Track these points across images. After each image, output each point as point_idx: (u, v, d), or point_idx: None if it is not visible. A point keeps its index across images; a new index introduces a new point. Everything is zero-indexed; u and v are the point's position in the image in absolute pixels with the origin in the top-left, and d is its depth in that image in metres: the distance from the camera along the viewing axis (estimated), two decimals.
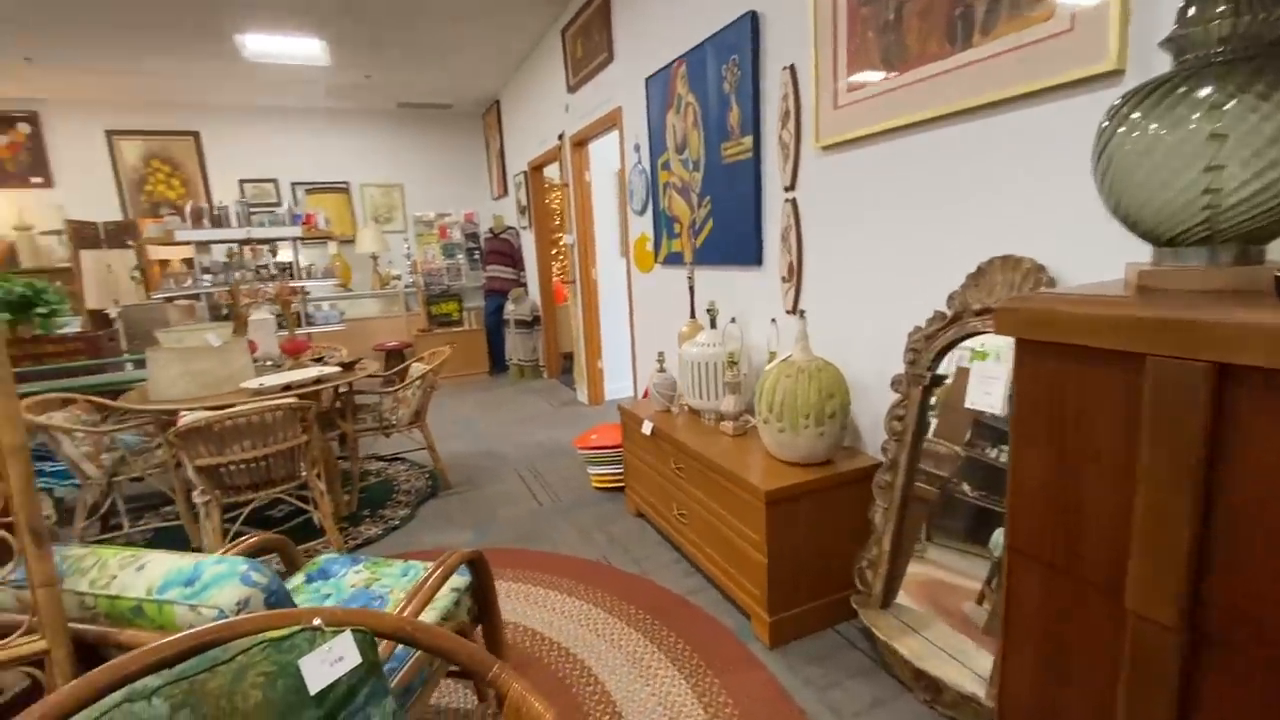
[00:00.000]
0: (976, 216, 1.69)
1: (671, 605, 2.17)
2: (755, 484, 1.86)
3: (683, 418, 2.62)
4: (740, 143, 2.58)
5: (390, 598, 1.59)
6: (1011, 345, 1.14)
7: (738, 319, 2.77)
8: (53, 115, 5.85)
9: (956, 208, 1.73)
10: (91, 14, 4.08)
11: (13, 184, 5.79)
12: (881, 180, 1.96)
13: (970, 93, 1.60)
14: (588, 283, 4.87)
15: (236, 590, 0.95)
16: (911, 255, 1.89)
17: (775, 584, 1.90)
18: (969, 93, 1.61)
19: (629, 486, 2.97)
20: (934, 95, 1.70)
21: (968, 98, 1.61)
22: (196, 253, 4.66)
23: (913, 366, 1.81)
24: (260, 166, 6.59)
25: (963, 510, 1.74)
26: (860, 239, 2.07)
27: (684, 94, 2.98)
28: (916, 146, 1.82)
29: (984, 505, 1.68)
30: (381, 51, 5.08)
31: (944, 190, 1.76)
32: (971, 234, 1.71)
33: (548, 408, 5.14)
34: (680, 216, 3.18)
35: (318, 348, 3.85)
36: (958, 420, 1.74)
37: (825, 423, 1.90)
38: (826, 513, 1.94)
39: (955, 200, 1.73)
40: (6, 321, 3.16)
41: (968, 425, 1.72)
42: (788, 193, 2.36)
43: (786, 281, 2.42)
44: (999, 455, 1.63)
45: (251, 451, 2.38)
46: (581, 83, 4.33)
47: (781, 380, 1.94)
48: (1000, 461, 1.63)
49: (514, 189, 6.51)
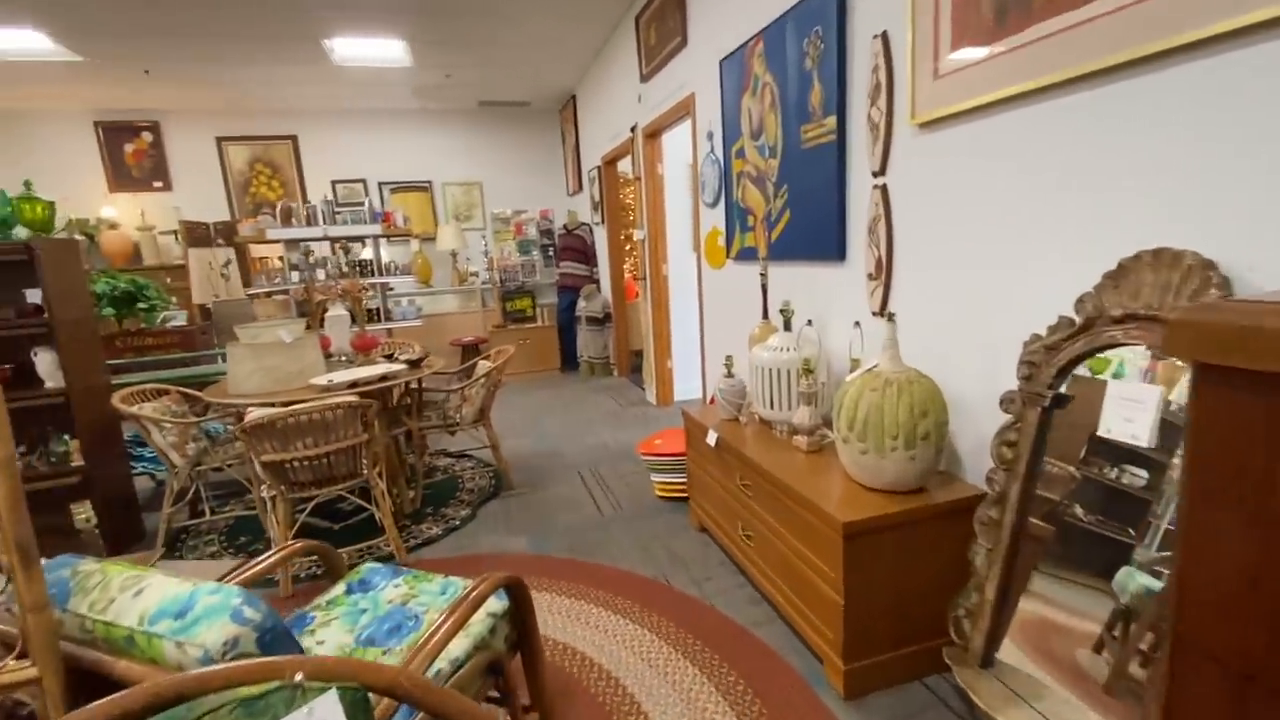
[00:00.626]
0: (1117, 200, 1.37)
1: (733, 638, 1.97)
2: (832, 513, 1.62)
3: (751, 428, 2.39)
4: (822, 124, 2.32)
5: (425, 618, 1.49)
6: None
7: (815, 321, 2.51)
8: (171, 124, 6.35)
9: (1089, 190, 1.42)
10: (197, 28, 4.34)
11: (137, 188, 6.33)
12: (991, 160, 1.66)
13: (1119, 45, 1.29)
14: (658, 279, 4.71)
15: (225, 628, 0.85)
16: (1028, 249, 1.58)
17: (853, 628, 1.65)
18: (1118, 45, 1.29)
19: (693, 499, 2.78)
20: (1065, 53, 1.39)
21: (1115, 52, 1.30)
22: (286, 250, 4.89)
23: (1029, 383, 1.51)
24: (350, 167, 6.88)
25: (1074, 536, 1.46)
26: (963, 230, 1.77)
27: (761, 74, 2.73)
28: (1037, 118, 1.51)
29: (1100, 532, 1.41)
30: (461, 50, 5.13)
31: (1073, 169, 1.45)
32: (1110, 221, 1.39)
33: (615, 407, 5.03)
34: (754, 208, 2.94)
35: (391, 344, 3.91)
36: (1069, 434, 1.45)
37: (917, 445, 1.63)
38: (916, 549, 1.68)
39: (1088, 180, 1.42)
40: (112, 316, 3.40)
41: (1082, 440, 1.44)
42: (876, 178, 2.08)
43: (873, 279, 2.14)
44: (1119, 476, 1.38)
45: (313, 449, 2.39)
46: (654, 70, 4.16)
47: (866, 394, 1.68)
48: (1122, 483, 1.37)
49: (588, 184, 6.45)
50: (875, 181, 2.09)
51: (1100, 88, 1.37)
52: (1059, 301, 1.52)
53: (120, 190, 6.29)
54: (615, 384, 5.89)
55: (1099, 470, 1.42)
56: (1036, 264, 1.57)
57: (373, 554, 2.70)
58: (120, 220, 6.16)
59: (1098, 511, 1.42)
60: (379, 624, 1.48)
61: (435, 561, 2.62)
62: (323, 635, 1.46)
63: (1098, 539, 1.41)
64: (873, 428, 1.66)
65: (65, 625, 0.96)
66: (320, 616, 1.52)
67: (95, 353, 2.94)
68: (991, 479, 1.58)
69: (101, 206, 6.19)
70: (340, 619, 1.51)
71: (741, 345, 3.31)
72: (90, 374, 2.83)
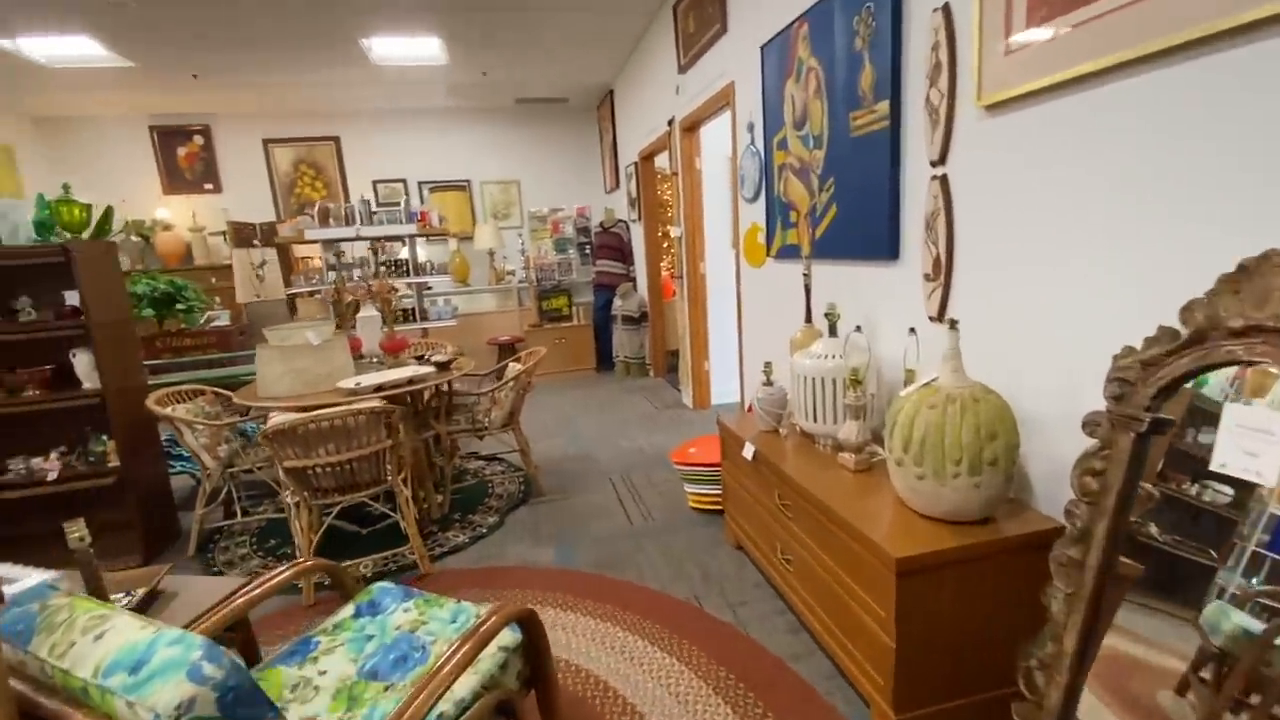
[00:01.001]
0: (1235, 189, 1.15)
1: (769, 672, 1.80)
2: (883, 545, 1.44)
3: (792, 441, 2.22)
4: (873, 110, 2.11)
5: (432, 650, 1.38)
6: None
7: (864, 326, 2.31)
8: (221, 128, 6.51)
9: (1198, 175, 1.20)
10: (240, 32, 4.39)
11: (189, 190, 6.53)
12: (1071, 144, 1.44)
13: (1241, 4, 1.07)
14: (695, 278, 4.54)
15: (180, 687, 0.75)
16: (1116, 246, 1.37)
17: (905, 674, 1.47)
18: (1240, 3, 1.07)
19: (728, 513, 2.61)
20: (1172, 14, 1.17)
21: (1237, 13, 1.08)
22: (323, 250, 4.93)
23: (1120, 404, 1.29)
24: (390, 167, 6.93)
25: (1151, 557, 1.28)
26: (1036, 224, 1.56)
27: (805, 58, 2.54)
28: (1131, 94, 1.30)
29: (1180, 555, 1.24)
30: (496, 47, 5.06)
31: (1178, 152, 1.23)
32: (1224, 216, 1.17)
33: (650, 409, 4.89)
34: (797, 202, 2.75)
35: (422, 345, 3.87)
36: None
37: (983, 471, 1.44)
38: (980, 588, 1.48)
39: (1197, 164, 1.20)
40: (152, 316, 3.45)
41: (1159, 453, 1.28)
42: (935, 168, 1.87)
43: (931, 280, 1.94)
44: (1200, 492, 1.23)
45: (336, 455, 2.33)
46: (693, 60, 3.99)
47: (923, 411, 1.49)
48: (1204, 501, 1.21)
49: (625, 181, 6.32)
50: (933, 171, 1.88)
51: (1214, 54, 1.15)
52: (1157, 308, 1.30)
53: (174, 192, 6.50)
54: (651, 385, 5.75)
55: (1177, 486, 1.25)
56: (1126, 264, 1.35)
57: (397, 562, 2.64)
58: (173, 221, 6.36)
59: (1176, 531, 1.25)
60: (384, 653, 1.38)
61: (459, 573, 2.53)
62: (326, 664, 1.36)
63: (1176, 561, 1.24)
64: (931, 450, 1.47)
65: (28, 667, 0.88)
66: (325, 642, 1.43)
67: (132, 354, 2.97)
68: (1072, 513, 1.36)
69: (156, 208, 6.40)
70: (345, 645, 1.42)
71: (782, 350, 3.11)
72: (127, 375, 2.85)
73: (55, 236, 2.66)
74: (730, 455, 2.51)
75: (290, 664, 1.37)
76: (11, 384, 2.65)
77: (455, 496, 3.32)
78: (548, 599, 2.28)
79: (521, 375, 3.23)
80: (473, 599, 2.32)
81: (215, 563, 2.79)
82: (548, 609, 2.21)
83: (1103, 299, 1.41)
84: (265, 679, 1.33)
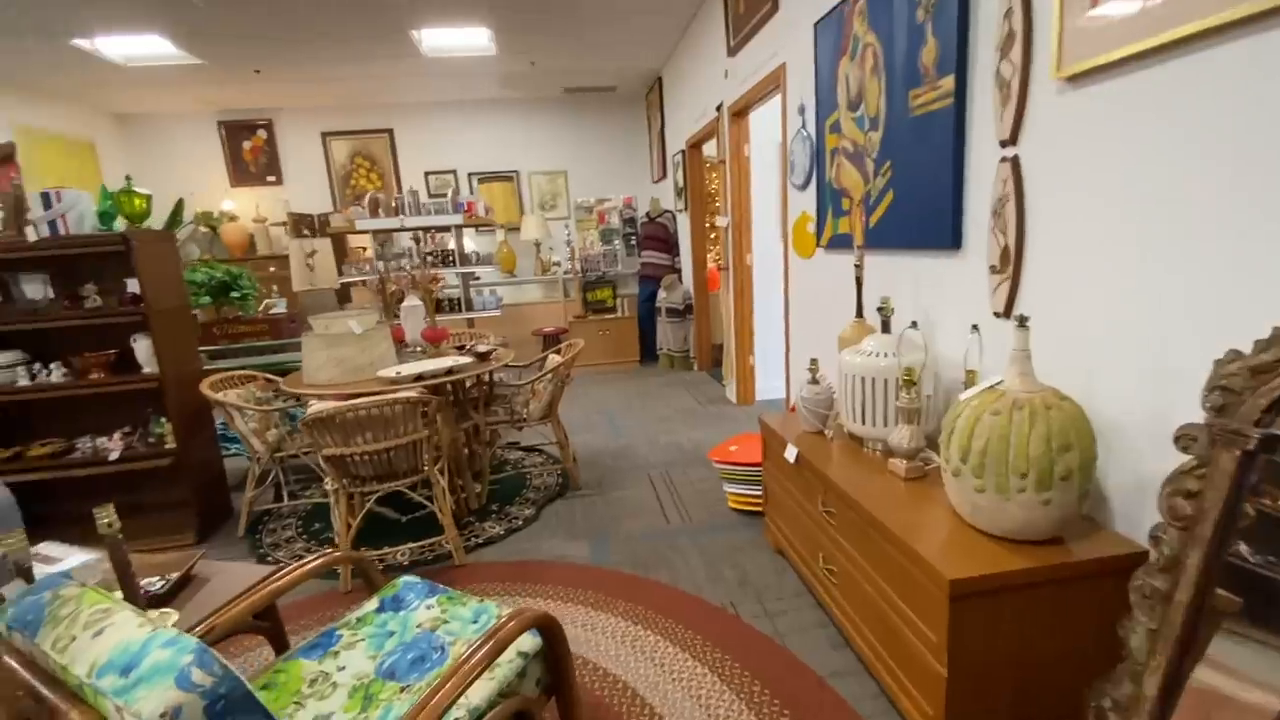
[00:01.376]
0: None
1: (809, 693, 1.69)
2: (935, 564, 1.31)
3: (838, 444, 2.08)
4: (936, 87, 1.94)
5: (451, 651, 1.34)
6: None
7: (920, 322, 2.14)
8: (283, 121, 6.74)
9: None
10: (299, 27, 4.50)
11: (253, 182, 6.79)
12: (1170, 119, 1.26)
13: None
14: (741, 269, 4.39)
15: (166, 694, 0.72)
16: (1225, 234, 1.18)
17: (958, 707, 1.34)
18: None
19: (769, 516, 2.50)
20: None
21: None
22: (373, 240, 5.03)
23: (1220, 415, 1.12)
24: (441, 159, 7.03)
25: (1242, 580, 1.11)
26: (1122, 210, 1.38)
27: (862, 34, 2.37)
28: (1252, 56, 1.11)
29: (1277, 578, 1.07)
30: (544, 35, 5.02)
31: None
32: None
33: (693, 404, 4.78)
34: (850, 189, 2.58)
35: (465, 334, 3.88)
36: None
37: (1054, 487, 1.29)
38: (1045, 615, 1.33)
39: None
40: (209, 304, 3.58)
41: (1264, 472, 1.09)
42: (1005, 148, 1.70)
43: (997, 273, 1.77)
44: None
45: (373, 444, 2.34)
46: (743, 42, 3.83)
47: (986, 417, 1.35)
48: None
49: (672, 170, 6.19)
50: (1003, 153, 1.71)
51: None
52: (1266, 308, 1.12)
53: (240, 185, 6.78)
54: (694, 379, 5.64)
55: (1273, 502, 1.08)
56: (1234, 255, 1.17)
57: (434, 551, 2.64)
58: (238, 213, 6.64)
59: (1271, 551, 1.09)
60: (403, 652, 1.35)
61: (492, 566, 2.51)
62: (345, 659, 1.34)
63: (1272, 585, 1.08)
64: (994, 460, 1.32)
65: (35, 658, 0.87)
66: (346, 636, 1.41)
67: (189, 340, 3.08)
68: (1159, 538, 1.20)
69: (223, 200, 6.69)
70: (366, 641, 1.40)
71: (830, 346, 2.96)
72: (183, 361, 2.95)
73: (120, 226, 2.77)
74: (772, 456, 2.39)
75: (312, 657, 1.36)
76: (78, 367, 2.79)
77: (493, 487, 3.32)
78: (578, 596, 2.23)
79: (560, 368, 3.19)
80: (504, 593, 2.30)
81: (262, 544, 2.87)
82: (578, 607, 2.16)
83: (1202, 295, 1.23)
84: (286, 670, 1.32)
